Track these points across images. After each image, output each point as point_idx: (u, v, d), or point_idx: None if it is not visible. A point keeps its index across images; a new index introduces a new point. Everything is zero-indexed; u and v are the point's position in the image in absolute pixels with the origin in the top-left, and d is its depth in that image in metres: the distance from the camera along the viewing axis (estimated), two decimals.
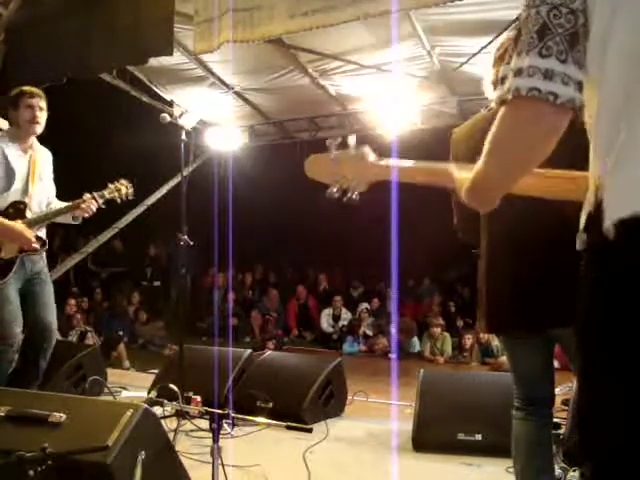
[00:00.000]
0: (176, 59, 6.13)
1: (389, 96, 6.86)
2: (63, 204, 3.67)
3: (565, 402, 3.48)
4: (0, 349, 3.34)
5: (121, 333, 8.53)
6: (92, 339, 7.93)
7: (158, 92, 7.18)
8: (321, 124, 8.19)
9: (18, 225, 3.38)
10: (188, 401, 3.68)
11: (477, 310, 2.35)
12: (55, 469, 1.94)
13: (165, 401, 3.39)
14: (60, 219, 3.65)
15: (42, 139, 3.64)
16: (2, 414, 2.28)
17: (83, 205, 3.52)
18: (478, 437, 3.41)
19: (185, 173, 3.99)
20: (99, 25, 4.89)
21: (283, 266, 13.20)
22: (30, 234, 3.40)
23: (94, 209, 3.56)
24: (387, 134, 7.32)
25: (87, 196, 3.55)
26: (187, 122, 4.04)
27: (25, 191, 3.52)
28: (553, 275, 2.12)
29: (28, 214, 3.50)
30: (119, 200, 3.64)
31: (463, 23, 5.24)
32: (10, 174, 3.46)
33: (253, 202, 10.62)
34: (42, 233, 3.59)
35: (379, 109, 7.20)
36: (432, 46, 5.77)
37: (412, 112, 7.12)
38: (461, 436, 3.44)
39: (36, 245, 3.44)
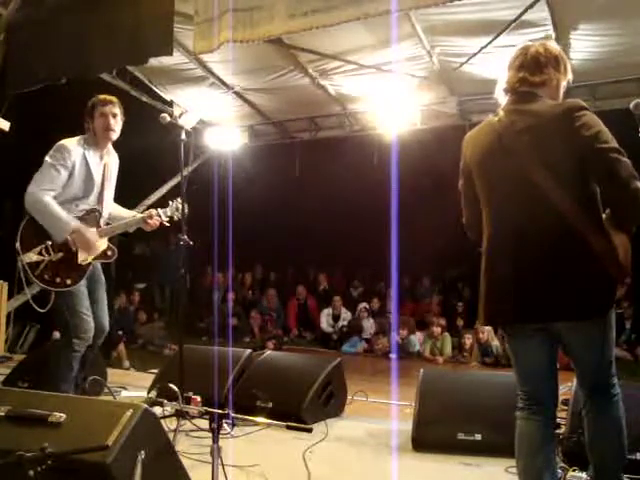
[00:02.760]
0: (176, 59, 6.13)
1: (389, 96, 6.85)
2: (122, 210, 3.86)
3: (565, 402, 3.48)
4: (78, 343, 3.45)
5: (121, 333, 8.52)
6: None
7: (158, 92, 7.18)
8: (321, 124, 8.19)
9: (93, 237, 3.53)
10: (188, 401, 3.67)
11: (478, 305, 2.39)
12: (55, 469, 1.94)
13: (165, 401, 3.39)
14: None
15: (41, 139, 3.65)
16: (2, 414, 2.27)
17: (150, 221, 3.72)
18: (478, 437, 3.41)
19: (185, 173, 3.98)
20: (99, 25, 4.88)
21: (283, 266, 13.19)
22: (97, 248, 3.57)
23: (157, 225, 3.76)
24: (387, 134, 7.33)
25: (154, 212, 3.75)
26: (187, 122, 4.05)
27: (100, 198, 3.64)
28: (554, 271, 2.16)
29: (102, 222, 3.64)
30: (176, 218, 3.83)
31: (463, 23, 5.25)
32: (89, 181, 3.55)
33: (253, 202, 10.61)
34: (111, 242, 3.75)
35: (379, 109, 7.20)
36: (432, 46, 5.78)
37: (412, 112, 7.12)
38: (461, 436, 3.44)
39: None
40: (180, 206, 3.82)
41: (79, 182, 3.50)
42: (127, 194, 3.94)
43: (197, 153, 8.47)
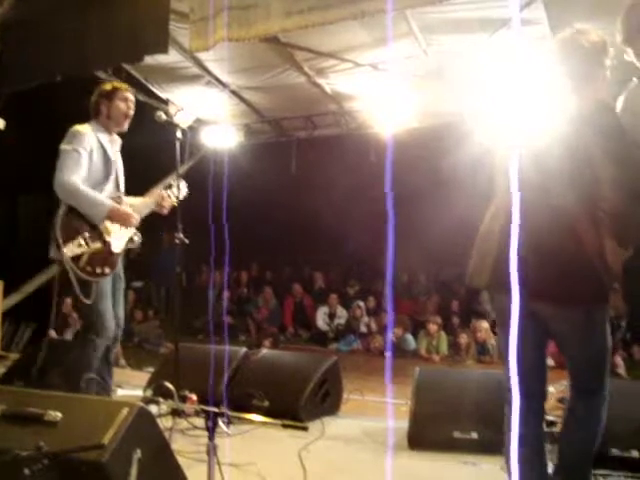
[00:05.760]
0: (172, 57, 6.11)
1: (385, 95, 6.85)
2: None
3: (561, 400, 3.49)
4: (99, 342, 3.40)
5: None
6: None
7: (154, 90, 7.16)
8: (317, 122, 8.18)
9: (129, 211, 3.52)
10: (184, 399, 3.68)
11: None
12: (51, 468, 1.94)
13: (161, 399, 3.39)
14: None
15: (39, 138, 3.64)
16: None
17: (163, 202, 3.74)
18: (474, 435, 3.42)
19: (181, 171, 3.98)
20: (95, 23, 4.87)
21: (279, 264, 13.19)
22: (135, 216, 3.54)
23: (171, 205, 3.81)
24: (383, 132, 7.32)
25: (164, 193, 3.75)
26: (183, 120, 4.06)
27: (117, 184, 3.60)
28: (545, 256, 2.20)
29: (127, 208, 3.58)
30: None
31: (459, 21, 5.25)
32: (107, 163, 3.50)
33: (249, 200, 10.60)
34: None
35: (375, 108, 7.20)
36: (428, 44, 5.77)
37: (408, 111, 7.11)
38: (457, 434, 3.44)
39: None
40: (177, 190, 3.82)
41: (99, 165, 3.45)
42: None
43: (193, 151, 8.45)
